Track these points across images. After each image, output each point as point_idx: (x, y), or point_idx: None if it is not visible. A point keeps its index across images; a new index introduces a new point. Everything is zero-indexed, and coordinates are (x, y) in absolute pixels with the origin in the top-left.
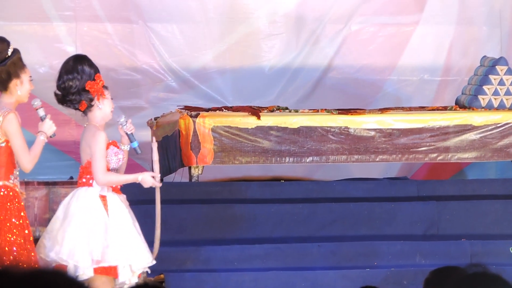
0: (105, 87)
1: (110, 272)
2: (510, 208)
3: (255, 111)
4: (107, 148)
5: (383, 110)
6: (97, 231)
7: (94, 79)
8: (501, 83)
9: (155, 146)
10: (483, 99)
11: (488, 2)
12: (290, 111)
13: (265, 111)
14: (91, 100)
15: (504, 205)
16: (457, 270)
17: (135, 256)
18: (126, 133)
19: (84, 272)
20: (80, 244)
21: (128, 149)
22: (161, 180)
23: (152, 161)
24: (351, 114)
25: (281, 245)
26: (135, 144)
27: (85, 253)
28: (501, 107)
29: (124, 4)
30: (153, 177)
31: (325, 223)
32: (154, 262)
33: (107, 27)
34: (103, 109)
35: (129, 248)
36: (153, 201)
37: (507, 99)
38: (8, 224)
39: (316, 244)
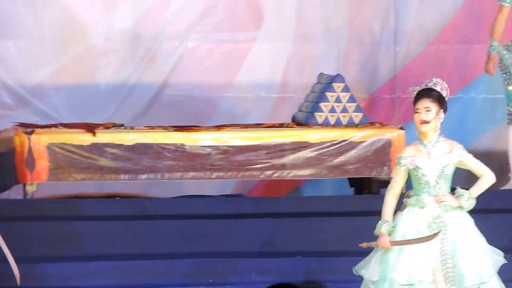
0: None
1: None
2: (345, 225)
3: (91, 128)
4: None
5: (219, 127)
6: None
7: None
8: (338, 100)
9: None
10: (319, 116)
11: (325, 20)
12: (126, 128)
13: (101, 128)
14: None
15: (339, 222)
16: (292, 287)
17: None
18: None
19: None
20: None
21: None
22: None
23: None
24: (187, 131)
25: (117, 263)
26: None
27: None
28: (338, 124)
29: None
30: None
31: (161, 240)
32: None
33: None
34: None
35: None
36: None
37: (343, 116)
38: None
39: (151, 262)
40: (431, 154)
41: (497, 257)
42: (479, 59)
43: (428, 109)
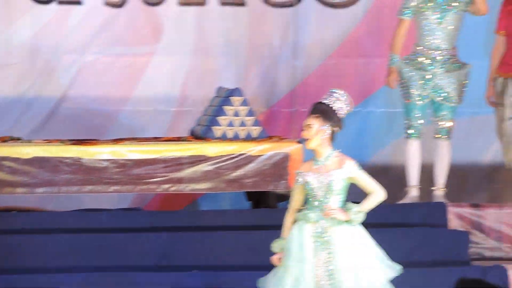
0: None
1: None
2: (243, 239)
3: None
4: None
5: (117, 141)
6: None
7: None
8: (236, 114)
9: None
10: (217, 130)
11: (225, 33)
12: (23, 142)
13: None
14: None
15: (237, 236)
16: None
17: None
18: None
19: None
20: None
21: None
22: None
23: None
24: (84, 145)
25: (13, 276)
26: None
27: None
28: (236, 138)
29: None
30: None
31: (57, 254)
32: None
33: None
34: None
35: None
36: None
37: (242, 130)
38: None
39: (46, 275)
40: (321, 170)
41: (387, 270)
42: (378, 73)
43: (309, 126)
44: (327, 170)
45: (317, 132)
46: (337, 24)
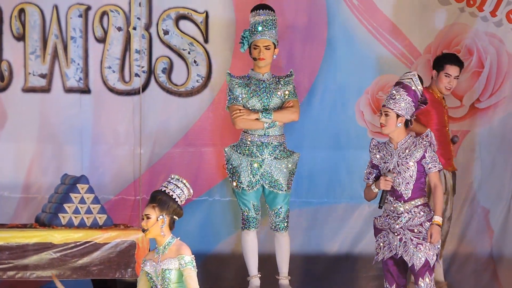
0: None
1: None
2: None
3: None
4: None
5: None
6: None
7: None
8: (82, 201)
9: None
10: (63, 217)
11: (69, 120)
12: None
13: None
14: None
15: None
16: None
17: None
18: None
19: None
20: None
21: None
22: None
23: None
24: None
25: None
26: None
27: None
28: (82, 226)
29: None
30: None
31: None
32: None
33: None
34: None
35: None
36: None
37: (87, 218)
38: None
39: None
40: (159, 259)
41: None
42: (222, 161)
43: (147, 216)
44: (163, 259)
45: (154, 222)
46: (183, 112)
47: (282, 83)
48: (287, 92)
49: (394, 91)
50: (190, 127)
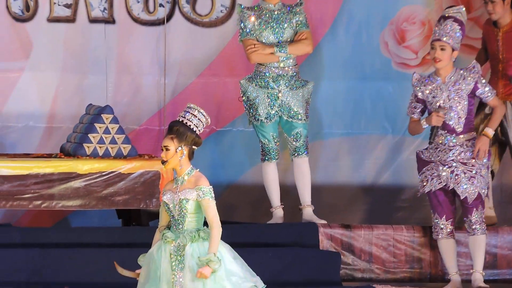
0: None
1: None
2: (113, 257)
3: None
4: None
5: None
6: None
7: None
8: (107, 131)
9: None
10: (88, 147)
11: (94, 51)
12: None
13: None
14: None
15: (107, 254)
16: None
17: None
18: None
19: None
20: None
21: None
22: None
23: None
24: None
25: None
26: None
27: None
28: (106, 156)
29: None
30: None
31: None
32: None
33: None
34: None
35: None
36: None
37: (112, 148)
38: None
39: None
40: (178, 189)
41: (253, 279)
42: None
43: (165, 148)
44: (181, 189)
45: (173, 153)
46: (207, 44)
47: (293, 12)
48: (299, 22)
49: (448, 25)
50: (214, 58)
